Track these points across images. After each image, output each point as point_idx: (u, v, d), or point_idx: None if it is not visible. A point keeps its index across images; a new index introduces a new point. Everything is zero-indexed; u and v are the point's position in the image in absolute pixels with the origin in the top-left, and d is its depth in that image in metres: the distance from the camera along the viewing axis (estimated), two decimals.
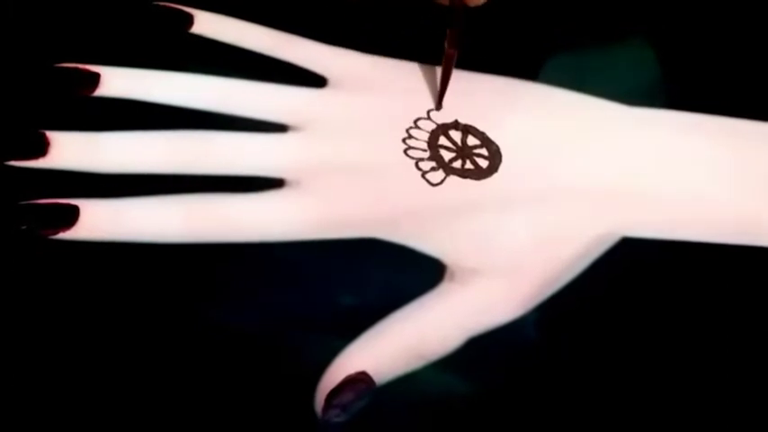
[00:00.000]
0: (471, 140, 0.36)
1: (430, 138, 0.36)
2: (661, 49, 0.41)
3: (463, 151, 0.35)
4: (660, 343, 0.30)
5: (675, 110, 0.38)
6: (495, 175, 0.35)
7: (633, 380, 0.29)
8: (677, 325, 0.31)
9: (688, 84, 0.40)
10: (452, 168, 0.35)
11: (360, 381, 0.28)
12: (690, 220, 0.34)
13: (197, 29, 0.38)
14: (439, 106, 0.37)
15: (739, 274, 0.32)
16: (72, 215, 0.30)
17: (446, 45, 0.36)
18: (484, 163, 0.35)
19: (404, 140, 0.35)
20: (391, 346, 0.29)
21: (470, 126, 0.36)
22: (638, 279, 0.32)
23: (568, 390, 0.29)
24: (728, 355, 0.30)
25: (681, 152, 0.36)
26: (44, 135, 0.32)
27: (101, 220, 0.31)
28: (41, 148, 0.32)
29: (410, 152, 0.35)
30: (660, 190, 0.35)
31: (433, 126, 0.36)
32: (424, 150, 0.35)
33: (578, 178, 0.35)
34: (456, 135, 0.36)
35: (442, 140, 0.36)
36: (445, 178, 0.34)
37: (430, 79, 0.38)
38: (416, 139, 0.35)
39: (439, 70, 0.38)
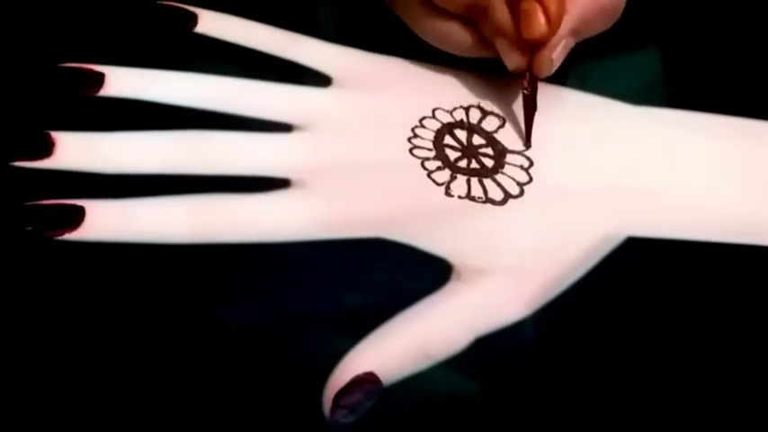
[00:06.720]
0: (477, 140, 0.36)
1: (435, 137, 0.36)
2: (665, 48, 0.41)
3: (469, 150, 0.35)
4: (664, 342, 0.30)
5: (680, 109, 0.38)
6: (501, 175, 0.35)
7: (638, 380, 0.29)
8: (681, 324, 0.31)
9: (692, 82, 0.40)
10: (458, 168, 0.35)
11: (367, 381, 0.28)
12: (695, 220, 0.34)
13: (201, 28, 0.38)
14: (528, 144, 0.36)
15: (745, 274, 0.32)
16: (77, 216, 0.30)
17: (525, 85, 0.35)
18: (489, 162, 0.35)
19: (409, 140, 0.35)
20: (398, 347, 0.29)
21: (476, 125, 0.36)
22: (643, 279, 0.32)
23: (574, 390, 0.29)
24: (731, 356, 0.30)
25: (686, 151, 0.36)
26: (49, 135, 0.32)
27: (106, 221, 0.30)
28: (46, 149, 0.32)
29: (416, 151, 0.35)
30: (666, 189, 0.35)
31: (439, 125, 0.36)
32: (430, 149, 0.35)
33: (583, 177, 0.35)
34: (461, 134, 0.36)
35: (448, 140, 0.36)
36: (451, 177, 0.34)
37: (435, 79, 0.38)
38: (422, 138, 0.35)
39: (443, 69, 0.38)
